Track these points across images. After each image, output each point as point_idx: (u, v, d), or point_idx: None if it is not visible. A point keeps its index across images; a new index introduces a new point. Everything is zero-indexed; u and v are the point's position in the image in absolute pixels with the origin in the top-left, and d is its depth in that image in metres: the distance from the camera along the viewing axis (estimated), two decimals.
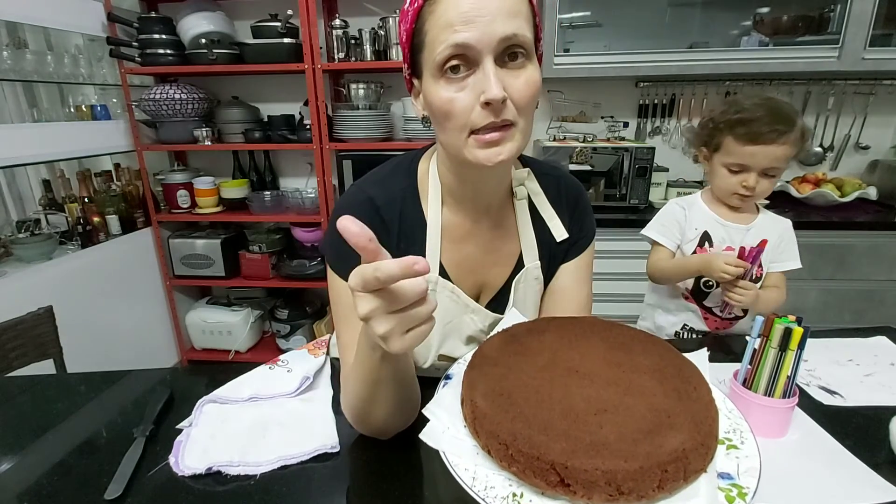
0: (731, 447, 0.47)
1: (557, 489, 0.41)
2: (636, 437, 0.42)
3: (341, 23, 2.00)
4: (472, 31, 0.53)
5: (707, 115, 1.09)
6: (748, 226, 1.10)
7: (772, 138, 0.97)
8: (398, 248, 0.70)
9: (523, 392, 0.47)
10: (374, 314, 0.43)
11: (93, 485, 0.60)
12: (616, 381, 0.49)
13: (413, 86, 0.65)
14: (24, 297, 1.49)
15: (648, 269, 1.18)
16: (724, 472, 0.44)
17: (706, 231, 1.11)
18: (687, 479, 0.42)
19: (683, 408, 0.46)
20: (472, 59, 0.55)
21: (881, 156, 2.18)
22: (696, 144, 1.13)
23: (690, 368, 0.52)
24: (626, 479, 0.39)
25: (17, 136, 1.72)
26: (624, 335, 0.58)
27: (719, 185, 1.08)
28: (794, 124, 0.98)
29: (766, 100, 1.01)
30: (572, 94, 2.23)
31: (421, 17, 0.57)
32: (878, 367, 0.85)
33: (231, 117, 2.19)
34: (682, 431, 0.43)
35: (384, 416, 0.61)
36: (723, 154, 1.05)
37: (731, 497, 0.42)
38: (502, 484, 0.43)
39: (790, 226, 1.12)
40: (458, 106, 0.57)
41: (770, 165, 1.00)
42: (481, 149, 0.59)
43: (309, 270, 2.28)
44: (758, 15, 2.00)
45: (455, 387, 0.54)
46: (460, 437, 0.48)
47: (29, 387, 0.86)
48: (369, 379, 0.57)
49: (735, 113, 1.01)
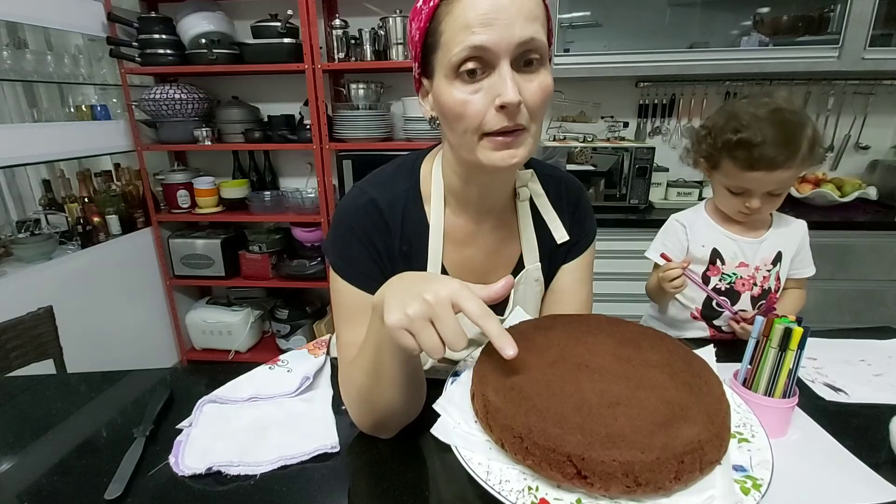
0: (742, 440, 0.48)
1: (574, 481, 0.41)
2: (651, 429, 0.42)
3: (341, 23, 2.00)
4: (490, 34, 0.53)
5: (705, 126, 0.98)
6: (761, 238, 1.01)
7: (776, 163, 0.87)
8: (400, 250, 0.70)
9: (535, 386, 0.47)
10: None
11: (93, 485, 0.60)
12: (627, 376, 0.49)
13: (422, 85, 0.64)
14: (24, 297, 1.49)
15: (647, 289, 1.12)
16: (737, 465, 0.45)
17: (715, 248, 1.02)
18: (703, 470, 0.42)
19: (696, 401, 0.46)
20: (488, 61, 0.54)
21: (881, 156, 2.18)
22: (693, 156, 1.03)
23: (700, 363, 0.52)
24: (644, 470, 0.40)
25: (17, 136, 1.72)
26: (631, 331, 0.58)
27: (721, 203, 1.00)
28: (801, 144, 0.87)
29: (771, 113, 0.88)
30: (572, 94, 2.23)
31: (436, 16, 0.56)
32: (890, 367, 0.84)
33: (231, 117, 2.19)
34: (697, 423, 0.43)
35: (390, 393, 0.60)
36: (722, 175, 0.96)
37: (745, 489, 0.42)
38: (517, 478, 0.43)
39: (805, 229, 1.03)
40: (471, 108, 0.56)
41: (775, 188, 0.91)
42: (495, 151, 0.58)
43: (309, 270, 2.28)
44: (758, 15, 2.00)
45: (464, 383, 0.54)
46: (472, 431, 0.48)
47: (29, 387, 0.86)
48: (376, 341, 0.57)
49: (734, 131, 0.89)
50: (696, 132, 1.02)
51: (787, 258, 1.02)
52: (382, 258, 0.69)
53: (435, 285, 0.49)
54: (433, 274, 0.66)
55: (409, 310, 0.47)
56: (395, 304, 0.49)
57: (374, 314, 0.56)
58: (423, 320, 0.47)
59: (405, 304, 0.48)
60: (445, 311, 0.47)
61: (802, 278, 1.05)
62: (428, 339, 0.47)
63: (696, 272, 1.01)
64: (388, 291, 0.52)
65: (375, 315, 0.55)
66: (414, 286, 0.49)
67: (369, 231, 0.68)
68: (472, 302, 0.47)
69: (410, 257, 0.71)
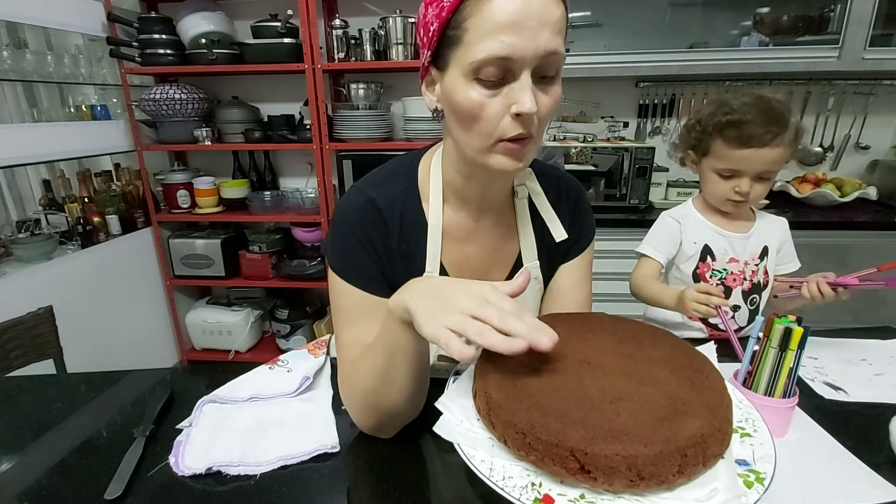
0: (744, 435, 0.48)
1: (577, 476, 0.41)
2: (654, 423, 0.42)
3: (341, 23, 2.00)
4: (516, 43, 0.52)
5: (693, 117, 1.02)
6: (748, 233, 1.04)
7: (765, 141, 0.91)
8: (399, 249, 0.70)
9: (537, 383, 0.48)
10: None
11: (93, 485, 0.60)
12: (629, 372, 0.49)
13: (429, 74, 0.63)
14: (24, 297, 1.49)
15: (631, 283, 1.10)
16: (740, 459, 0.45)
17: (706, 244, 1.04)
18: (706, 464, 0.42)
19: (698, 395, 0.46)
20: (510, 69, 0.54)
21: (881, 156, 2.18)
22: (681, 148, 1.05)
23: (701, 359, 0.53)
24: (647, 463, 0.40)
25: (17, 136, 1.72)
26: (632, 329, 0.59)
27: (710, 191, 1.02)
28: (788, 124, 0.92)
29: (757, 99, 0.93)
30: (572, 94, 2.23)
31: (461, 10, 0.54)
32: (891, 367, 0.85)
33: (231, 117, 2.19)
34: (699, 417, 0.43)
35: (398, 394, 0.61)
36: (712, 159, 0.98)
37: (749, 482, 0.42)
38: (520, 474, 0.43)
39: (787, 225, 1.07)
40: (488, 112, 0.56)
41: (764, 169, 0.94)
42: (505, 155, 0.59)
43: (309, 270, 2.28)
44: (758, 15, 2.00)
45: (465, 381, 0.54)
46: (474, 429, 0.48)
47: (29, 387, 0.86)
48: (390, 345, 0.57)
49: (724, 114, 0.94)
50: (684, 127, 1.05)
51: (773, 252, 1.05)
52: (381, 258, 0.69)
53: (467, 286, 0.51)
54: (452, 279, 0.65)
55: (460, 309, 0.48)
56: (434, 309, 0.50)
57: (391, 318, 0.56)
58: (470, 320, 0.48)
59: (449, 308, 0.49)
60: (495, 301, 0.49)
61: (790, 272, 1.07)
62: (490, 337, 0.47)
63: (725, 309, 0.97)
64: (415, 300, 0.52)
65: (391, 318, 0.56)
66: (443, 288, 0.52)
67: (368, 231, 0.68)
68: (506, 302, 0.49)
69: (409, 256, 0.71)
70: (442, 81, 0.60)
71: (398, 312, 0.54)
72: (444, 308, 0.49)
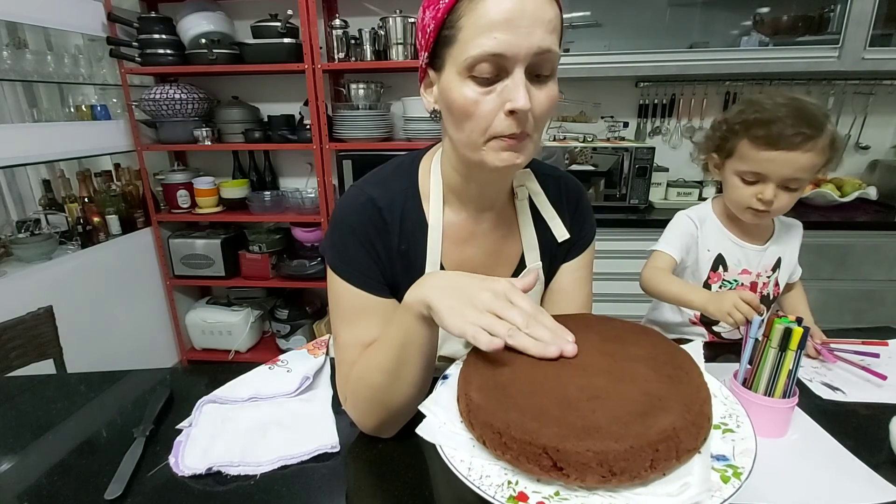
0: (726, 431, 0.48)
1: (551, 473, 0.41)
2: (627, 419, 0.42)
3: (341, 23, 2.00)
4: (510, 40, 0.53)
5: (720, 117, 0.95)
6: (764, 245, 0.99)
7: (794, 143, 0.82)
8: (399, 249, 0.70)
9: (518, 384, 0.48)
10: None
11: (93, 485, 0.60)
12: (609, 370, 0.50)
13: (427, 75, 0.63)
14: (24, 297, 1.49)
15: (644, 277, 1.03)
16: (719, 455, 0.44)
17: (720, 254, 0.99)
18: (679, 458, 0.42)
19: (675, 391, 0.46)
20: (504, 66, 0.55)
21: (881, 156, 2.18)
22: (705, 150, 0.98)
23: (683, 356, 0.53)
24: (618, 459, 0.40)
25: (17, 136, 1.72)
26: (617, 328, 0.59)
27: (731, 196, 0.95)
28: (823, 129, 0.83)
29: (791, 99, 0.86)
30: (572, 94, 2.23)
31: (456, 10, 0.55)
32: (891, 367, 0.84)
33: (231, 117, 2.19)
34: (672, 412, 0.43)
35: (407, 391, 0.62)
36: (736, 160, 0.91)
37: (726, 477, 0.42)
38: (497, 473, 0.44)
39: (801, 231, 1.02)
40: (482, 109, 0.56)
41: (791, 175, 0.85)
42: (499, 152, 0.59)
43: (309, 270, 2.28)
44: (758, 15, 2.00)
45: (452, 385, 0.54)
46: (457, 431, 0.49)
47: (29, 387, 0.86)
48: (402, 340, 0.59)
49: (753, 112, 0.87)
50: (710, 125, 0.99)
51: (786, 264, 1.02)
52: (381, 257, 0.69)
53: (488, 283, 0.53)
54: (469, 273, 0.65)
55: (485, 306, 0.51)
56: (458, 305, 0.52)
57: (407, 313, 0.57)
58: (497, 319, 0.50)
59: (473, 304, 0.51)
60: (516, 301, 0.52)
61: (791, 282, 1.05)
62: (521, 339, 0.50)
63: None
64: (436, 294, 0.54)
65: (408, 313, 0.57)
66: (464, 283, 0.54)
67: (368, 230, 0.68)
68: (525, 300, 0.52)
69: (409, 257, 0.71)
70: (438, 82, 0.61)
71: (417, 307, 0.55)
72: (468, 305, 0.51)
